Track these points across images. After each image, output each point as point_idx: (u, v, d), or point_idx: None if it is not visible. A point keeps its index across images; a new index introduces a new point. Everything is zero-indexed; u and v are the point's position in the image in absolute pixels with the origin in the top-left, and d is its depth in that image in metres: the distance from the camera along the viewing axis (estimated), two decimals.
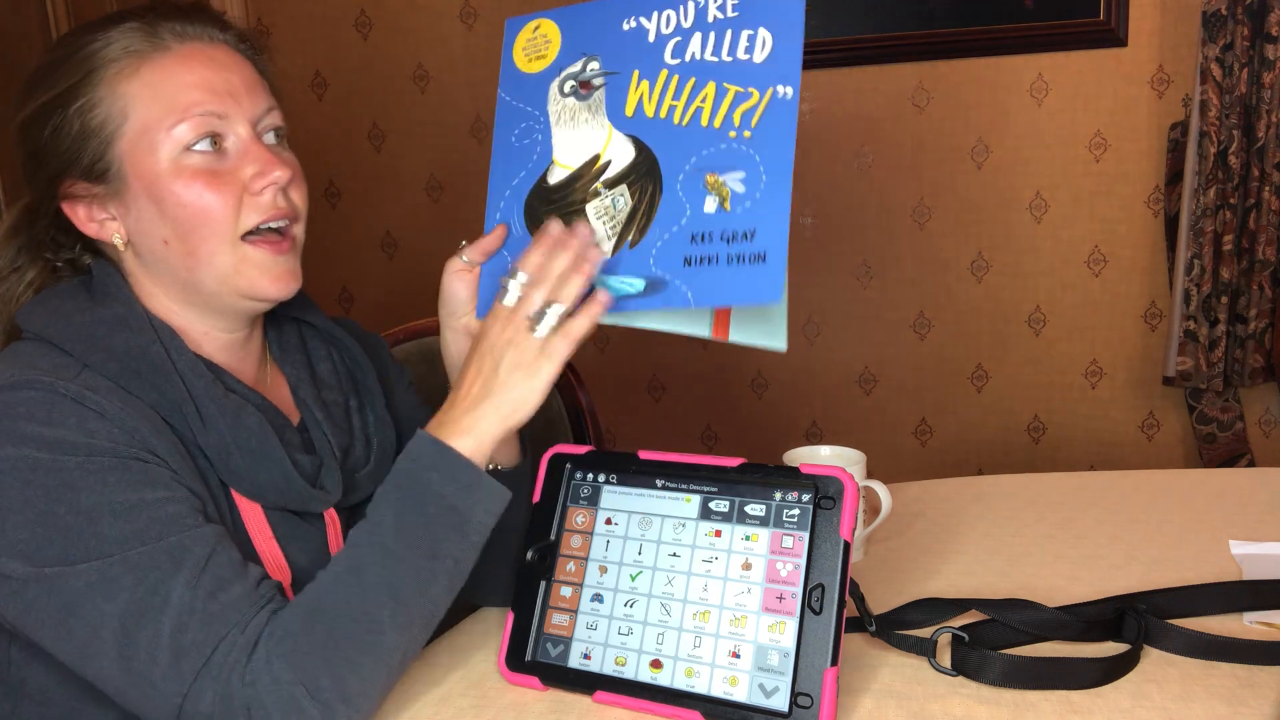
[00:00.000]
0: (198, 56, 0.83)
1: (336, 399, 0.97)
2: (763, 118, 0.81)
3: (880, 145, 2.51)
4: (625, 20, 0.86)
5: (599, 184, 0.86)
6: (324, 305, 2.06)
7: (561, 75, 0.89)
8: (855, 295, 2.60)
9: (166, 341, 0.83)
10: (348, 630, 0.73)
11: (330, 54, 2.60)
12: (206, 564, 0.73)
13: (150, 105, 0.81)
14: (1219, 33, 2.24)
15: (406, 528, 0.76)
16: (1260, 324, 2.37)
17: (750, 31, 0.81)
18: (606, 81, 0.87)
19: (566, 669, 0.84)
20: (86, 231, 0.86)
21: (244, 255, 0.84)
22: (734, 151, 0.82)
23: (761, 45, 0.80)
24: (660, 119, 0.84)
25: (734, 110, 0.81)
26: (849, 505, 0.79)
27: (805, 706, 0.75)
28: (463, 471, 0.79)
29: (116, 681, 0.71)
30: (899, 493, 1.12)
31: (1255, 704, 0.77)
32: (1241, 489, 1.23)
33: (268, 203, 0.84)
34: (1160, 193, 2.45)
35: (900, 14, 2.42)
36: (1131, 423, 2.57)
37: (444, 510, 0.78)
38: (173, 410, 0.80)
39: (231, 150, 0.84)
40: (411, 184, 2.67)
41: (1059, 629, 0.87)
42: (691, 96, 0.83)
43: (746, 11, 0.81)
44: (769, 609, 0.79)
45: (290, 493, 0.85)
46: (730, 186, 0.82)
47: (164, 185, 0.81)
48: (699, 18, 0.83)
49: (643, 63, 0.85)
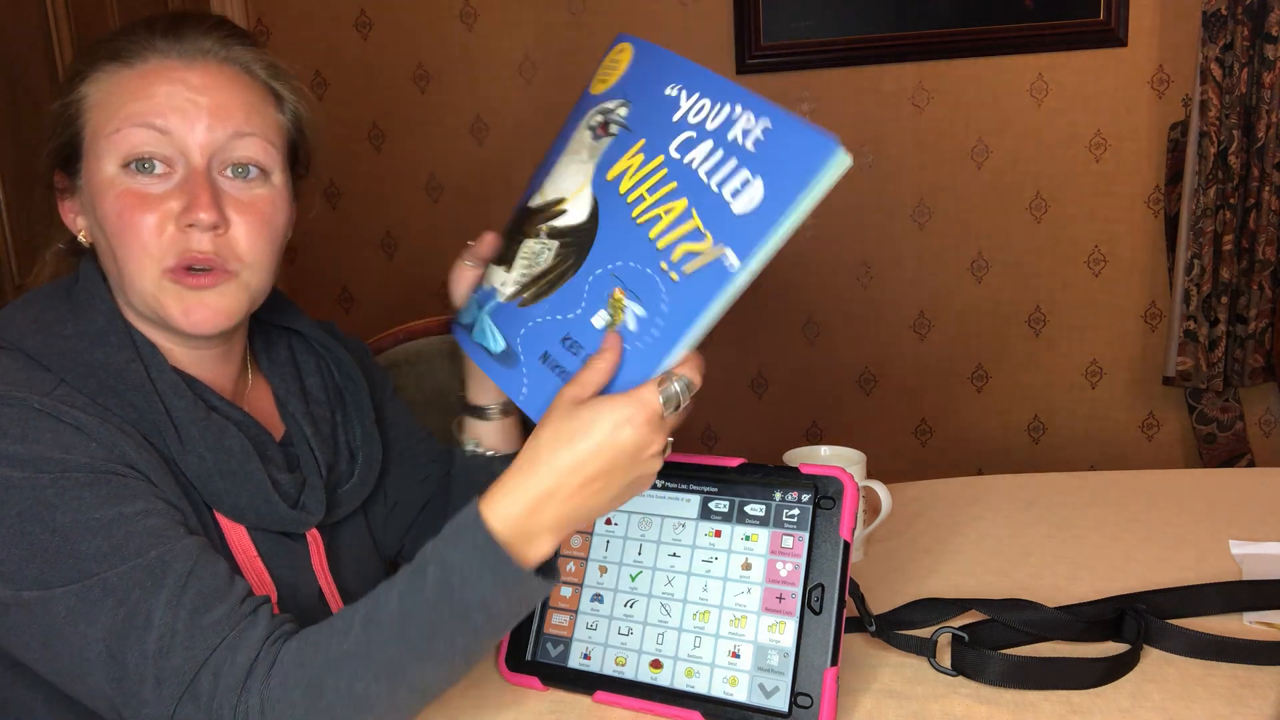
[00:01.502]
0: (165, 74, 0.80)
1: (324, 414, 0.94)
2: (699, 271, 0.70)
3: (880, 145, 2.51)
4: (671, 85, 0.76)
5: (544, 226, 0.80)
6: (324, 305, 2.05)
7: (597, 107, 0.81)
8: (855, 295, 2.60)
9: (147, 359, 0.81)
10: (349, 714, 0.69)
11: (330, 54, 2.60)
12: (188, 580, 0.71)
13: (100, 112, 0.80)
14: (1219, 33, 2.24)
15: (440, 626, 0.69)
16: (1260, 324, 2.37)
17: (749, 176, 0.69)
18: (619, 134, 0.78)
19: (566, 669, 0.84)
20: (66, 223, 0.86)
21: (164, 286, 0.80)
22: (652, 282, 0.72)
23: (750, 197, 0.68)
24: (624, 202, 0.75)
25: (682, 242, 0.71)
26: (849, 505, 0.79)
27: (805, 706, 0.75)
28: (518, 585, 0.70)
29: (109, 700, 0.70)
30: (899, 493, 1.12)
31: (1255, 704, 0.77)
32: (1241, 489, 1.23)
33: (192, 241, 0.79)
34: (1160, 193, 2.45)
35: (900, 14, 2.42)
36: (1131, 423, 2.57)
37: (490, 618, 0.70)
38: (151, 430, 0.78)
39: (177, 175, 0.79)
40: (411, 184, 2.67)
41: (1059, 629, 0.87)
42: (662, 200, 0.73)
43: (761, 155, 0.69)
44: (769, 609, 0.79)
45: (271, 515, 0.83)
46: (627, 315, 0.73)
47: (100, 195, 0.79)
48: (721, 129, 0.71)
49: (652, 136, 0.75)
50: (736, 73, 2.49)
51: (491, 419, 0.97)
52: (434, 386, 1.47)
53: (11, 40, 1.69)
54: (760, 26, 2.45)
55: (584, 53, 2.54)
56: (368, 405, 0.98)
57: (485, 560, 0.69)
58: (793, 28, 2.45)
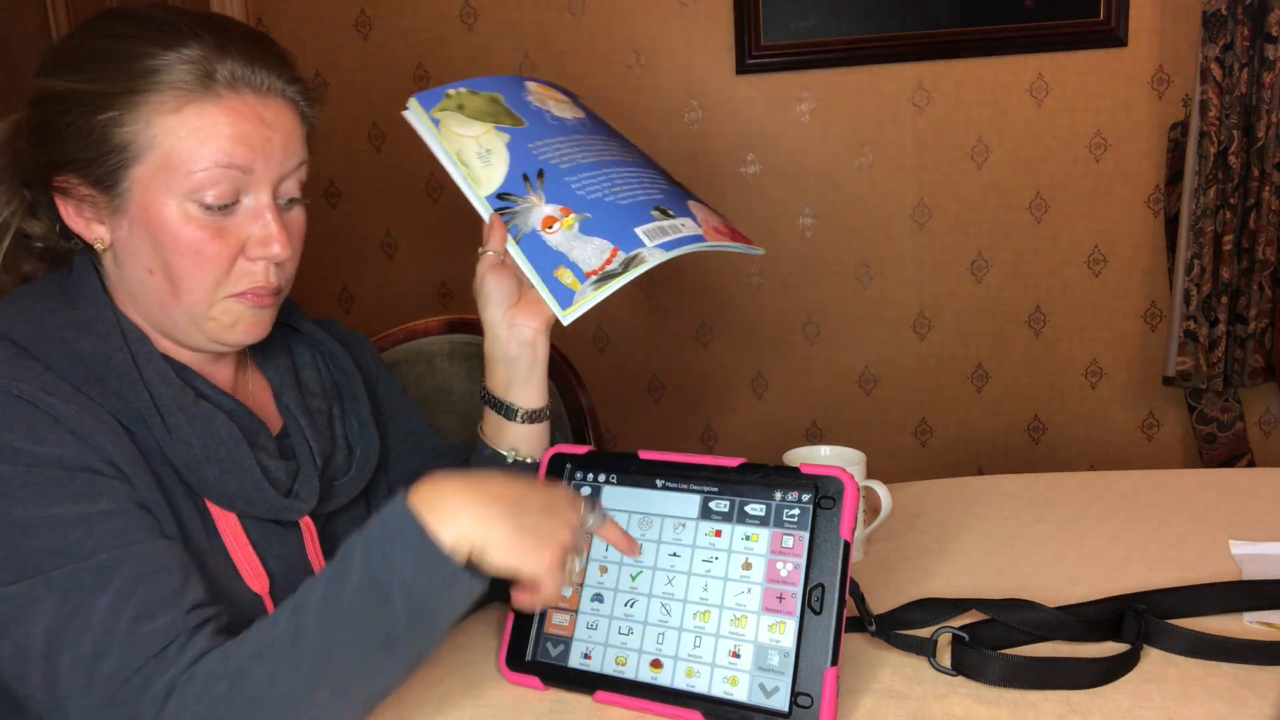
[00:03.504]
0: (244, 109, 0.79)
1: (320, 406, 0.95)
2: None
3: (880, 145, 2.51)
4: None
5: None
6: (324, 305, 2.05)
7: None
8: (855, 295, 2.60)
9: (134, 347, 0.81)
10: (270, 710, 0.68)
11: (330, 54, 2.60)
12: (136, 585, 0.70)
13: (180, 145, 0.77)
14: (1219, 33, 2.24)
15: (363, 611, 0.69)
16: (1260, 324, 2.37)
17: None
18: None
19: (567, 669, 0.84)
20: (71, 225, 0.83)
21: (224, 307, 0.83)
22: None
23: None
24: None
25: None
26: (849, 505, 0.79)
27: (805, 706, 0.75)
28: (439, 565, 0.70)
29: (42, 704, 0.69)
30: (899, 493, 1.12)
31: (1255, 704, 0.76)
32: (1241, 489, 1.22)
33: (258, 273, 0.83)
34: (1160, 193, 2.45)
35: (900, 14, 2.42)
36: (1131, 423, 2.57)
37: (410, 602, 0.70)
38: (136, 419, 0.78)
39: (243, 207, 0.81)
40: (411, 184, 2.67)
41: (1059, 629, 0.87)
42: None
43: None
44: (769, 609, 0.79)
45: (261, 502, 0.83)
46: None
47: (166, 225, 0.79)
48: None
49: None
50: (737, 73, 2.49)
51: (519, 421, 0.99)
52: (434, 386, 1.47)
53: (12, 40, 1.69)
54: (760, 26, 2.45)
55: (584, 53, 2.54)
56: (364, 399, 0.99)
57: (408, 540, 0.70)
58: (793, 28, 2.45)
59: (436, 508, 0.72)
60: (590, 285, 0.91)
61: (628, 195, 0.97)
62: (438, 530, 0.70)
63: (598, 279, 0.91)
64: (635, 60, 2.54)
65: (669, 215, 0.96)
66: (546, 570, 0.75)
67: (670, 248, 0.93)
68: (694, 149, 2.56)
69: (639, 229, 0.94)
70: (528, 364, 0.98)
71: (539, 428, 1.00)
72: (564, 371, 1.45)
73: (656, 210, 0.96)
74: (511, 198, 0.96)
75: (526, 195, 0.96)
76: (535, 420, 1.00)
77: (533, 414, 0.99)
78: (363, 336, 1.09)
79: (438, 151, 0.99)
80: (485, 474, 0.79)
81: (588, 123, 1.05)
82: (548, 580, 0.76)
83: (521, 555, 0.74)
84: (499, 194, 0.97)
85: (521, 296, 0.97)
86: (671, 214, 0.97)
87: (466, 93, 1.01)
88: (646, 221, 0.95)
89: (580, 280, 0.92)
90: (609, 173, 0.99)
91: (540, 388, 1.00)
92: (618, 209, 0.95)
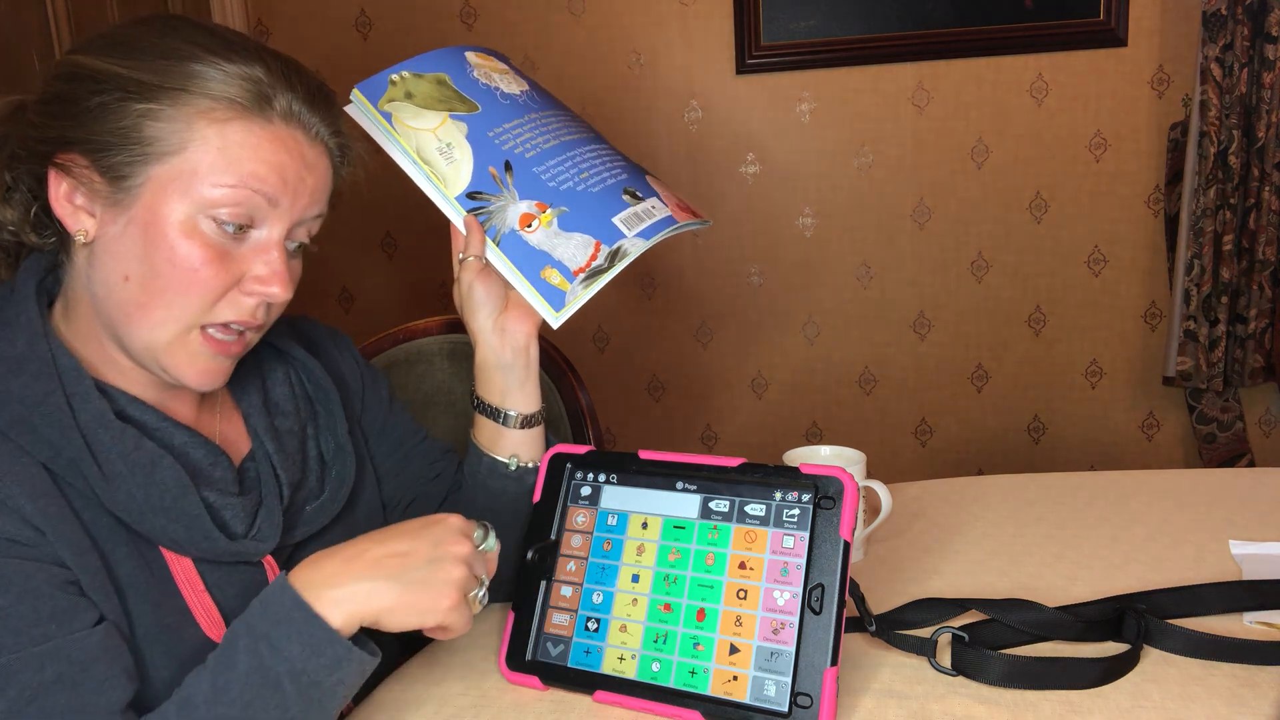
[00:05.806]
0: (291, 143, 0.78)
1: (291, 426, 0.90)
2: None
3: (880, 145, 2.51)
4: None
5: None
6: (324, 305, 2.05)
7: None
8: (855, 295, 2.60)
9: (70, 387, 0.74)
10: None
11: (330, 54, 2.60)
12: (35, 695, 0.65)
13: (213, 156, 0.74)
14: (1219, 33, 2.24)
15: (253, 701, 0.67)
16: (1260, 324, 2.37)
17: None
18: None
19: (567, 669, 0.84)
20: (56, 208, 0.77)
21: (188, 340, 0.77)
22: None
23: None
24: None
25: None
26: (849, 505, 0.79)
27: (805, 706, 0.75)
28: (328, 647, 0.69)
29: None
30: (899, 493, 1.12)
31: (1255, 704, 0.76)
32: (1241, 489, 1.22)
33: (248, 308, 0.79)
34: (1160, 193, 2.45)
35: (900, 14, 2.42)
36: (1131, 423, 2.57)
37: (300, 687, 0.68)
38: (69, 467, 0.72)
39: (252, 238, 0.78)
40: (412, 183, 2.67)
41: (1059, 629, 0.87)
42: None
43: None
44: (769, 609, 0.79)
45: (211, 549, 0.78)
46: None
47: (168, 232, 0.74)
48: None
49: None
50: (736, 73, 2.49)
51: (517, 427, 0.98)
52: (434, 386, 1.47)
53: (12, 41, 1.69)
54: (760, 26, 2.45)
55: (584, 53, 2.54)
56: (340, 416, 0.94)
57: (294, 625, 0.68)
58: (792, 28, 2.45)
59: (319, 589, 0.70)
60: (580, 284, 0.90)
61: (596, 180, 0.95)
62: (325, 612, 0.69)
63: (586, 276, 0.90)
64: (635, 60, 2.54)
65: (638, 198, 0.95)
66: (447, 615, 0.73)
67: (649, 235, 0.92)
68: (694, 149, 2.56)
69: (616, 219, 0.93)
70: (523, 369, 0.97)
71: (537, 431, 1.00)
72: (563, 371, 1.45)
73: (627, 194, 0.95)
74: (483, 196, 0.93)
75: (500, 192, 0.93)
76: (533, 424, 0.99)
77: (530, 418, 0.99)
78: (343, 335, 1.05)
79: (393, 151, 0.94)
80: (361, 541, 0.75)
81: (535, 96, 1.01)
82: (454, 622, 0.74)
83: (420, 613, 0.72)
84: (469, 193, 0.93)
85: (509, 301, 0.96)
86: (640, 196, 0.95)
87: (411, 77, 0.96)
88: (621, 208, 0.93)
89: (569, 280, 0.91)
90: (572, 155, 0.96)
91: (535, 391, 0.99)
92: (591, 198, 0.93)
